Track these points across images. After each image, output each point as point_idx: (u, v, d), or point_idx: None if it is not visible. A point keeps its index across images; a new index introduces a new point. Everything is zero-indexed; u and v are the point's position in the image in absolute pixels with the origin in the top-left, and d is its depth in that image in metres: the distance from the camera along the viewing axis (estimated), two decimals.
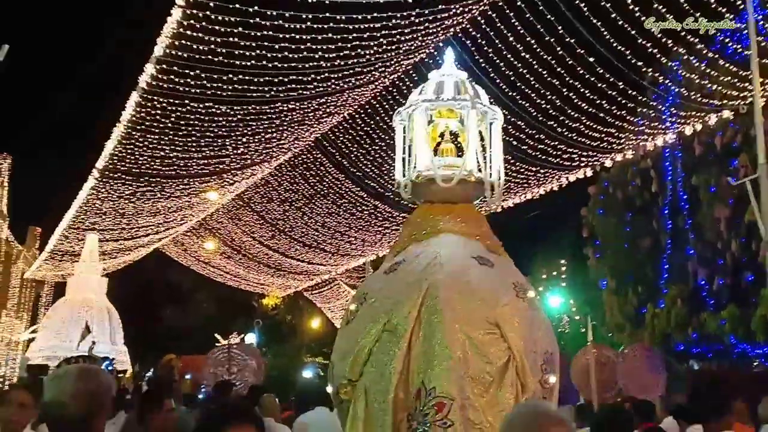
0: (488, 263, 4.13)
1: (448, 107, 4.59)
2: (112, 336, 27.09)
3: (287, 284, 29.25)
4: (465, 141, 4.54)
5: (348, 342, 4.06)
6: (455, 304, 3.82)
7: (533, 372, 3.79)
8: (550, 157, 14.93)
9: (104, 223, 20.83)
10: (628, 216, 14.24)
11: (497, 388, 3.69)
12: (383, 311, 3.93)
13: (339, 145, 18.28)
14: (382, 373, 3.76)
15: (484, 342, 3.75)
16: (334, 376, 4.07)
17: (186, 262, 27.39)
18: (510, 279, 4.15)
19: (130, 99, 12.72)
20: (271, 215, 22.51)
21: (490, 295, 3.92)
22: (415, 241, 4.40)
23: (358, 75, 13.80)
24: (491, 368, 3.71)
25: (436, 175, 4.42)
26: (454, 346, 3.70)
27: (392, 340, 3.80)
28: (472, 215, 4.46)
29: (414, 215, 4.63)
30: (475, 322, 3.79)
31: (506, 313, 3.85)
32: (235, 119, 13.68)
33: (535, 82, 13.07)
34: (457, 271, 4.00)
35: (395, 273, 4.19)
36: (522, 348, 3.78)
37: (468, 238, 4.32)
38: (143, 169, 15.60)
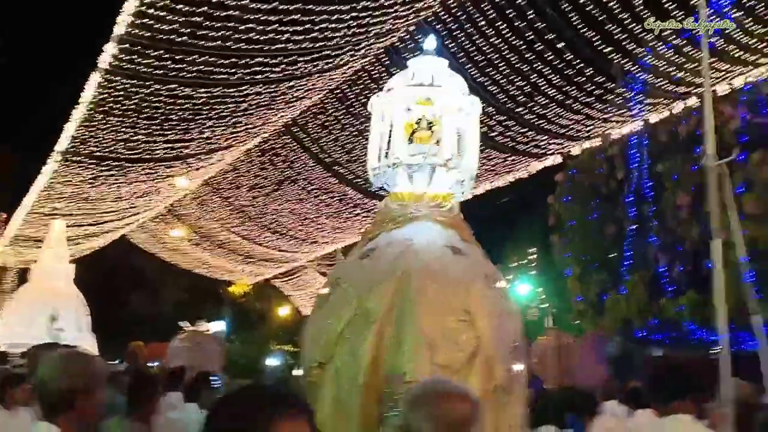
0: (461, 253, 4.19)
1: (422, 95, 4.58)
2: (78, 323, 26.58)
3: (256, 272, 29.00)
4: (441, 129, 4.53)
5: (319, 325, 4.08)
6: (428, 292, 3.87)
7: (501, 360, 3.87)
8: (519, 144, 14.99)
9: (67, 208, 20.30)
10: (594, 203, 14.37)
11: (466, 375, 3.74)
12: (355, 295, 3.96)
13: (309, 130, 18.08)
14: (353, 356, 3.79)
15: (455, 329, 3.81)
16: (305, 359, 4.08)
17: (153, 248, 26.93)
18: (482, 269, 4.23)
19: (91, 80, 12.33)
20: (239, 201, 22.22)
21: (463, 283, 3.98)
22: (388, 227, 4.42)
23: (327, 58, 13.60)
24: (461, 355, 3.77)
25: (411, 162, 4.45)
26: (426, 333, 3.75)
27: (364, 323, 3.83)
28: (445, 204, 4.47)
29: (386, 202, 4.62)
30: (447, 309, 3.85)
31: (477, 302, 3.92)
32: (200, 102, 13.38)
33: (505, 68, 13.06)
34: (432, 259, 4.05)
35: (369, 259, 4.21)
36: (491, 336, 3.85)
37: (441, 227, 4.35)
38: (106, 153, 15.19)
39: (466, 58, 13.10)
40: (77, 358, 2.56)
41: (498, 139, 14.80)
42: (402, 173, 4.48)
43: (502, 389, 3.83)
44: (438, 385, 1.76)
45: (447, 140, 4.46)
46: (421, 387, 1.74)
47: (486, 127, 14.08)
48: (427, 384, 1.76)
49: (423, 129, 4.62)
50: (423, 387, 1.73)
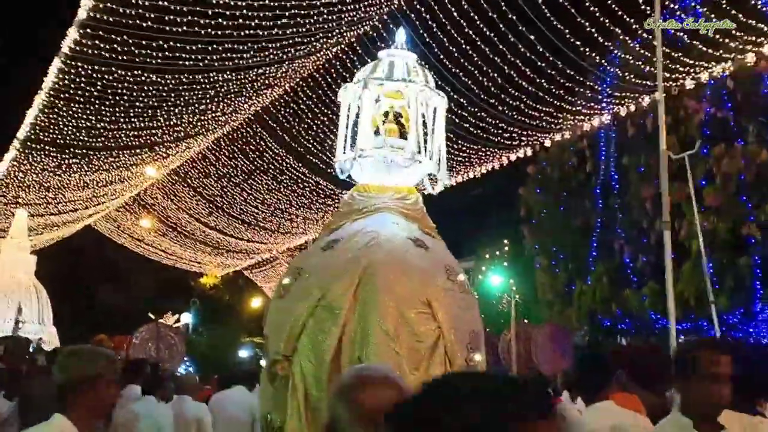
0: (423, 245, 4.22)
1: (393, 88, 4.57)
2: (40, 316, 25.98)
3: (226, 263, 28.66)
4: (409, 123, 4.53)
5: (282, 316, 4.04)
6: (392, 284, 3.89)
7: (460, 350, 3.93)
8: (491, 135, 14.99)
9: (28, 197, 19.73)
10: (564, 195, 14.48)
11: (428, 365, 3.81)
12: (318, 286, 3.94)
13: (280, 119, 17.83)
14: (317, 349, 3.80)
15: (417, 321, 3.86)
16: (269, 351, 4.05)
17: (119, 239, 26.40)
18: (443, 261, 4.26)
19: (52, 65, 11.94)
20: (208, 191, 21.86)
21: (425, 276, 4.02)
22: (352, 218, 4.40)
23: (298, 45, 13.39)
24: (422, 346, 3.83)
25: (378, 154, 4.44)
26: (389, 324, 3.78)
27: (329, 317, 3.83)
28: (410, 196, 4.48)
29: (351, 193, 4.60)
30: (409, 301, 3.89)
31: (438, 294, 3.97)
32: (166, 89, 13.06)
33: (478, 59, 13.02)
34: (395, 251, 4.08)
35: (333, 250, 4.18)
36: (451, 327, 3.90)
37: (405, 219, 4.37)
38: (68, 140, 14.75)
39: (438, 48, 13.03)
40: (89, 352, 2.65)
41: (471, 130, 14.78)
42: (368, 165, 4.46)
43: None
44: (361, 372, 1.65)
45: (414, 134, 4.45)
46: (345, 375, 1.63)
47: (459, 119, 14.06)
48: (351, 372, 1.64)
49: (391, 122, 4.64)
50: (347, 375, 1.62)
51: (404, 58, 4.68)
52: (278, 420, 3.87)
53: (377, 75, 4.55)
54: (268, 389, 4.06)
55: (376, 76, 4.54)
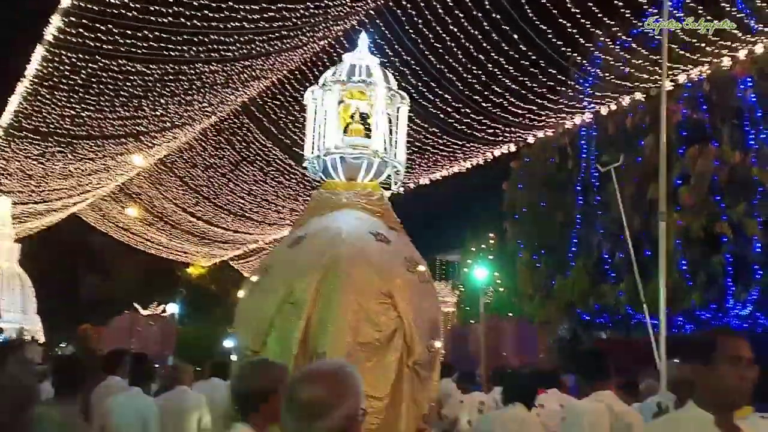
0: (385, 240, 4.41)
1: (359, 89, 4.80)
2: (23, 305, 25.85)
3: (213, 253, 28.67)
4: (373, 123, 4.73)
5: (250, 313, 4.20)
6: (353, 276, 4.07)
7: (421, 338, 4.10)
8: (475, 131, 15.15)
9: (11, 185, 19.63)
10: (545, 191, 14.68)
11: (383, 353, 3.99)
12: (283, 282, 4.10)
13: (267, 110, 17.85)
14: (284, 343, 3.95)
15: (376, 311, 4.03)
16: (239, 346, 4.21)
17: (105, 228, 26.32)
18: (403, 254, 4.45)
19: (35, 53, 11.91)
20: (195, 181, 21.87)
21: (385, 268, 4.21)
22: (317, 215, 4.59)
23: (284, 38, 13.45)
24: (380, 335, 4.00)
25: (344, 153, 4.64)
26: (348, 315, 3.95)
27: (294, 311, 3.99)
28: (375, 193, 4.68)
29: (318, 191, 4.81)
30: (370, 293, 4.06)
31: (398, 285, 4.15)
32: (152, 79, 13.07)
33: (462, 56, 13.15)
34: (357, 245, 4.25)
35: (299, 246, 4.34)
36: (411, 317, 4.08)
37: (369, 214, 4.55)
38: (52, 128, 14.72)
39: (423, 44, 13.15)
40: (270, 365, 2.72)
41: (456, 126, 14.93)
42: (335, 163, 4.66)
43: (421, 365, 4.07)
44: (310, 367, 1.71)
45: (379, 133, 4.66)
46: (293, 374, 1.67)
47: (444, 114, 14.21)
48: (300, 370, 1.71)
49: (357, 122, 4.86)
50: (293, 374, 1.68)
51: (368, 60, 4.90)
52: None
53: (340, 77, 4.77)
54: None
55: (339, 78, 4.76)
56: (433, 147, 16.13)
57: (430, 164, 17.33)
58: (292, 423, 1.58)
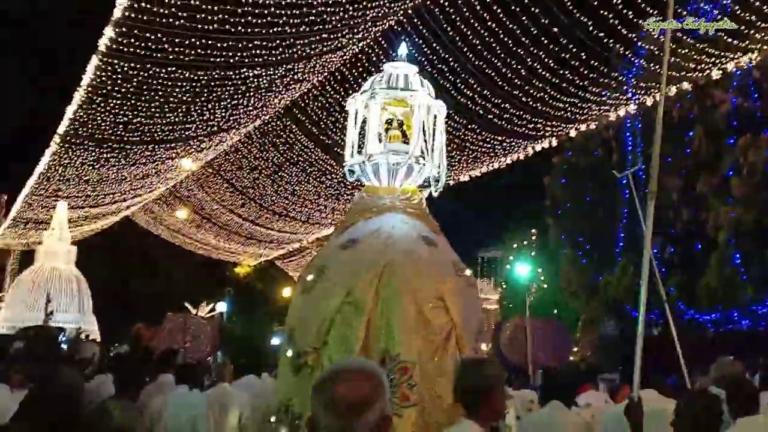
0: (433, 243, 4.56)
1: (399, 97, 4.98)
2: (80, 305, 26.89)
3: (259, 253, 29.25)
4: (411, 129, 4.91)
5: (308, 311, 4.36)
6: (409, 281, 4.21)
7: (469, 341, 4.23)
8: (515, 126, 15.07)
9: (69, 190, 20.48)
10: (589, 186, 14.49)
11: (442, 354, 4.11)
12: (342, 285, 4.25)
13: (309, 112, 18.16)
14: (345, 343, 4.09)
15: (432, 315, 4.17)
16: (297, 343, 4.34)
17: (156, 230, 27.16)
18: (450, 258, 4.60)
19: (90, 62, 12.43)
20: (241, 183, 22.39)
21: (437, 272, 4.34)
22: (365, 216, 4.74)
23: (325, 41, 13.67)
24: (437, 338, 4.13)
25: (384, 158, 4.82)
26: (410, 317, 4.11)
27: (354, 313, 4.14)
28: (414, 197, 4.85)
29: (361, 194, 4.98)
30: (424, 296, 4.19)
31: (449, 289, 4.27)
32: (199, 85, 13.48)
33: (501, 52, 13.12)
34: (409, 250, 4.40)
35: (353, 249, 4.50)
36: (461, 320, 4.21)
37: (413, 219, 4.71)
38: (106, 135, 15.32)
39: (462, 41, 13.17)
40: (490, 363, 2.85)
41: (495, 121, 14.89)
42: (374, 169, 4.86)
43: None
44: (338, 366, 1.68)
45: (416, 139, 4.84)
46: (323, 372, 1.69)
47: (483, 110, 14.20)
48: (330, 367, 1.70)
49: (395, 128, 5.06)
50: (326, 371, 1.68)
51: (406, 69, 5.09)
52: (299, 406, 4.22)
53: (381, 85, 4.97)
54: (289, 378, 4.33)
55: (381, 86, 4.96)
56: (472, 143, 16.13)
57: (470, 161, 17.33)
58: (335, 421, 1.55)
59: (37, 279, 26.29)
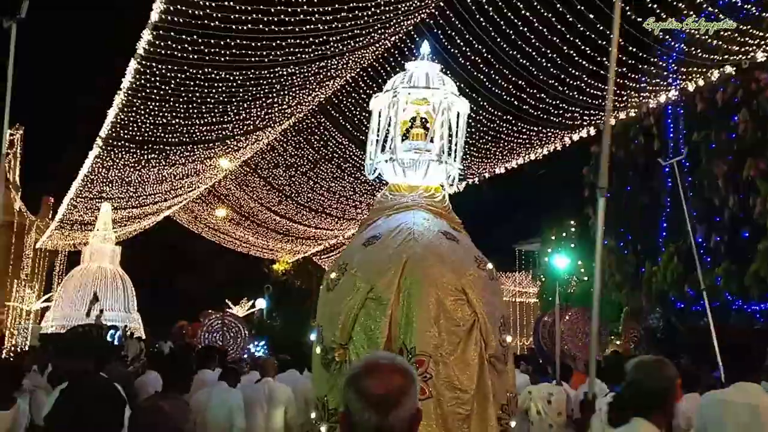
0: (454, 239, 4.66)
1: (420, 96, 5.05)
2: (126, 304, 27.62)
3: (296, 249, 29.55)
4: (433, 127, 4.97)
5: (333, 308, 4.49)
6: (430, 275, 4.30)
7: (494, 332, 4.33)
8: (551, 116, 14.83)
9: (112, 191, 21.05)
10: (630, 175, 14.17)
11: (464, 346, 4.20)
12: (364, 281, 4.37)
13: (342, 108, 18.23)
14: (369, 337, 4.20)
15: (454, 307, 4.27)
16: (324, 339, 4.48)
17: (196, 229, 27.71)
18: (472, 252, 4.69)
19: (129, 66, 12.71)
20: (277, 181, 22.64)
21: (458, 266, 4.44)
22: (386, 214, 4.85)
23: (357, 37, 13.69)
24: (459, 330, 4.22)
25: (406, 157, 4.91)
26: (430, 311, 4.19)
27: (377, 308, 4.25)
28: (437, 195, 4.94)
29: (384, 192, 5.09)
30: (446, 289, 4.29)
31: (471, 282, 4.38)
32: (234, 84, 13.67)
33: (536, 40, 12.91)
34: (430, 245, 4.50)
35: (374, 246, 4.61)
36: (485, 312, 4.31)
37: (434, 215, 4.80)
38: (146, 137, 15.67)
39: (495, 31, 13.00)
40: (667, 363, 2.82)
41: (531, 112, 14.68)
42: (398, 167, 4.93)
43: (497, 359, 4.29)
44: (370, 360, 1.67)
45: (439, 137, 4.89)
46: (355, 364, 1.68)
47: (518, 101, 14.02)
48: (361, 360, 1.70)
49: (418, 126, 5.11)
50: (357, 364, 1.66)
51: (428, 68, 5.15)
52: (334, 401, 4.29)
53: (404, 85, 5.03)
54: (322, 374, 4.47)
55: (403, 86, 5.02)
56: (507, 135, 15.94)
57: (505, 152, 17.14)
58: (370, 415, 1.55)
59: (83, 279, 27.12)
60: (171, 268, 34.42)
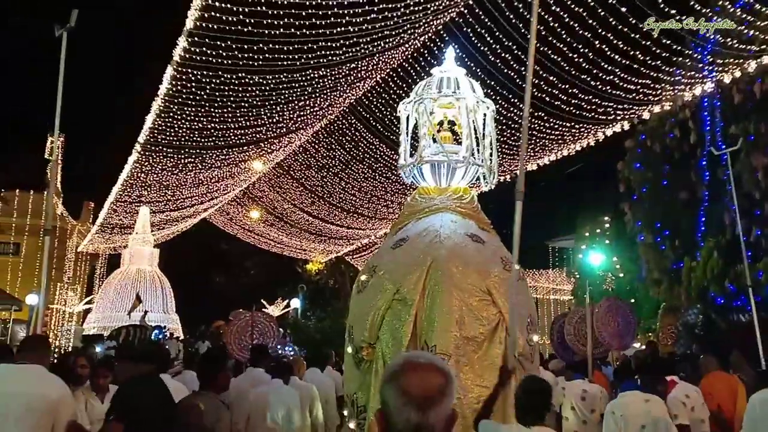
0: (480, 240, 4.79)
1: (446, 101, 5.21)
2: (164, 305, 28.24)
3: (329, 249, 29.80)
4: (461, 130, 5.14)
5: (362, 308, 4.67)
6: (454, 276, 4.44)
7: (521, 332, 4.43)
8: (584, 111, 14.69)
9: (150, 195, 21.55)
10: (666, 169, 13.95)
11: (488, 345, 4.34)
12: (391, 282, 4.55)
13: (373, 109, 18.35)
14: (395, 337, 4.38)
15: (479, 307, 4.41)
16: (354, 339, 4.65)
17: (232, 230, 28.16)
18: (498, 254, 4.82)
19: (166, 73, 13.05)
20: (310, 182, 22.89)
21: (483, 267, 4.57)
22: (416, 218, 5.02)
23: (387, 38, 13.79)
24: (484, 329, 4.36)
25: (435, 160, 5.06)
26: (453, 311, 4.33)
27: (403, 308, 4.42)
28: (465, 196, 5.08)
29: (414, 195, 5.26)
30: (470, 290, 4.44)
31: (496, 283, 4.51)
32: (267, 88, 13.91)
33: (566, 35, 12.82)
34: (455, 247, 4.64)
35: (401, 248, 4.78)
36: (510, 312, 4.40)
37: (462, 217, 4.94)
38: (183, 141, 16.04)
39: (525, 27, 12.95)
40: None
41: (563, 107, 14.57)
42: (427, 169, 5.13)
43: (525, 357, 4.42)
44: (408, 359, 1.65)
45: (466, 140, 5.06)
46: (394, 362, 1.67)
47: (550, 97, 13.94)
48: (399, 359, 1.67)
49: (445, 130, 5.28)
50: (395, 362, 1.66)
51: (454, 73, 5.31)
52: (363, 399, 4.43)
53: (431, 90, 5.19)
54: (353, 372, 4.64)
55: (430, 91, 5.18)
56: (539, 131, 15.84)
57: (537, 149, 17.03)
58: (411, 413, 1.55)
59: (123, 281, 27.83)
60: (207, 269, 35.05)
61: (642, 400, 4.47)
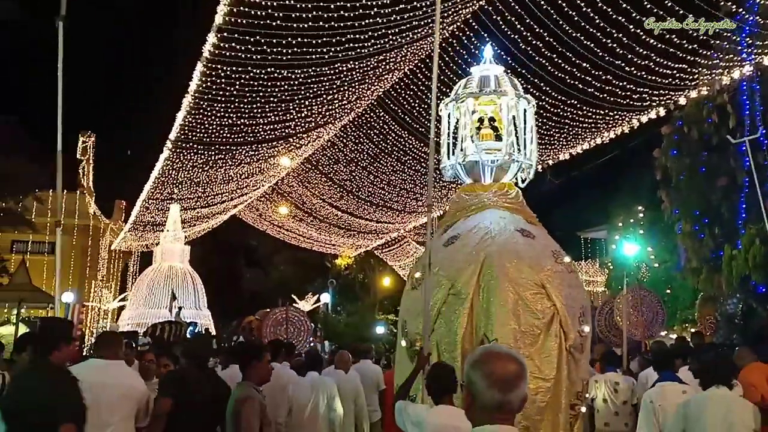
0: (530, 235, 4.92)
1: (489, 99, 5.35)
2: (196, 301, 28.57)
3: (358, 244, 29.84)
4: (502, 127, 5.28)
5: (418, 304, 4.77)
6: (507, 271, 4.58)
7: (573, 323, 4.56)
8: (618, 98, 14.39)
9: (181, 192, 21.77)
10: (704, 155, 13.58)
11: (544, 338, 4.45)
12: (446, 278, 4.71)
13: (401, 101, 18.24)
14: (450, 329, 4.53)
15: (533, 301, 4.53)
16: (408, 333, 4.84)
17: (261, 226, 28.36)
18: (549, 247, 4.94)
19: (196, 69, 13.12)
20: (338, 176, 22.89)
21: (535, 262, 4.70)
22: (464, 215, 5.17)
23: (415, 29, 13.67)
24: (539, 322, 4.47)
25: (478, 157, 5.22)
26: (508, 305, 4.46)
27: (457, 302, 4.58)
28: (510, 191, 5.21)
29: (459, 193, 5.40)
30: (524, 284, 4.56)
31: (549, 277, 4.63)
32: (296, 82, 13.91)
33: (600, 21, 12.55)
34: (507, 242, 4.80)
35: (453, 245, 4.94)
36: (563, 304, 4.55)
37: (510, 212, 5.07)
38: (213, 138, 16.14)
39: (557, 14, 12.71)
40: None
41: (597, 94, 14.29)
42: (470, 167, 5.29)
43: (575, 348, 4.53)
44: (491, 348, 1.99)
45: (507, 136, 5.20)
46: (478, 351, 1.98)
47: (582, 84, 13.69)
48: (481, 349, 1.99)
49: (486, 127, 5.38)
50: (480, 351, 1.97)
51: (493, 71, 5.45)
52: (413, 390, 4.51)
53: (471, 89, 5.35)
54: (406, 364, 4.75)
55: (470, 90, 5.33)
56: (572, 120, 15.57)
57: (569, 138, 16.76)
58: (495, 393, 1.85)
59: (156, 278, 28.22)
60: (237, 265, 35.38)
61: (680, 391, 4.62)
